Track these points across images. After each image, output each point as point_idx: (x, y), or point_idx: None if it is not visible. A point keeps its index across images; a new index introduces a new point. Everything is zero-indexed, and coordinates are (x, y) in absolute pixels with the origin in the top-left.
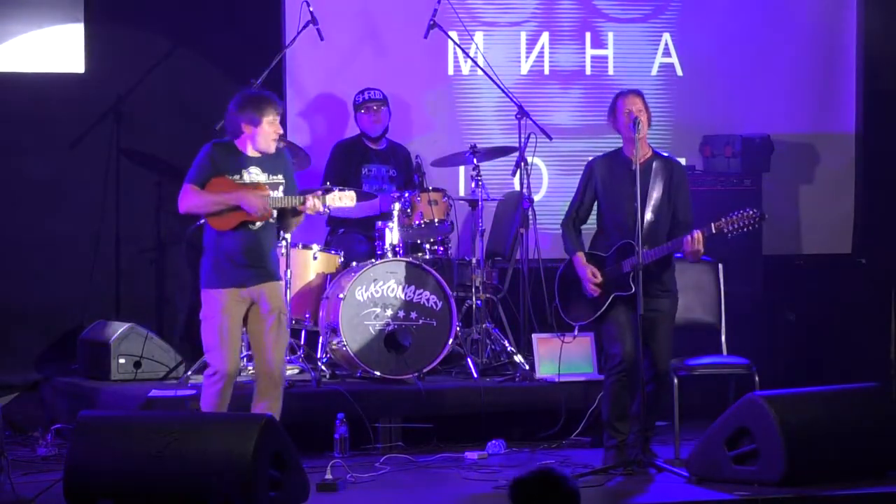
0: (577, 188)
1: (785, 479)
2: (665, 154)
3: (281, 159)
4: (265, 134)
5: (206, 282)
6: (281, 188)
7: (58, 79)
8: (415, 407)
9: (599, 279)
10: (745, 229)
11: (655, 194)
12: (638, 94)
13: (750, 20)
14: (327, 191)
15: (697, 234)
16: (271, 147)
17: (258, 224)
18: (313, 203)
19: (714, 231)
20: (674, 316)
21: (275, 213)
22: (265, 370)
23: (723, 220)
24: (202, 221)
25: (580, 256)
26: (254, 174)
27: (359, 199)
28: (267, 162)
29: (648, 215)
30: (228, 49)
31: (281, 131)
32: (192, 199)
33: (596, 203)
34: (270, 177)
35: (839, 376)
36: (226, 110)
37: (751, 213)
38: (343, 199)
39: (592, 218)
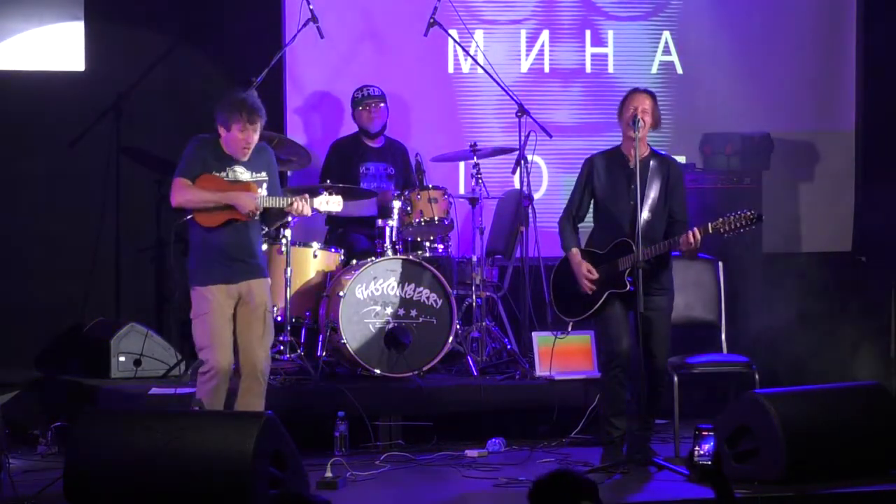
0: (575, 185)
1: (785, 477)
2: (662, 153)
3: (264, 157)
4: (234, 141)
5: (194, 279)
6: (265, 185)
7: (58, 77)
8: (415, 405)
9: (595, 276)
10: (742, 230)
11: (652, 193)
12: (648, 93)
13: (750, 18)
14: (314, 193)
15: (694, 234)
16: (239, 155)
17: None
18: (300, 206)
19: (710, 231)
20: (671, 313)
21: (261, 208)
22: (249, 366)
23: (720, 219)
24: (189, 217)
25: (576, 252)
26: (238, 172)
27: (358, 196)
28: (250, 161)
29: (645, 214)
30: (228, 47)
31: (252, 142)
32: (185, 194)
33: (593, 200)
34: (254, 174)
35: (839, 375)
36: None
37: (748, 213)
38: (330, 204)
39: (589, 217)
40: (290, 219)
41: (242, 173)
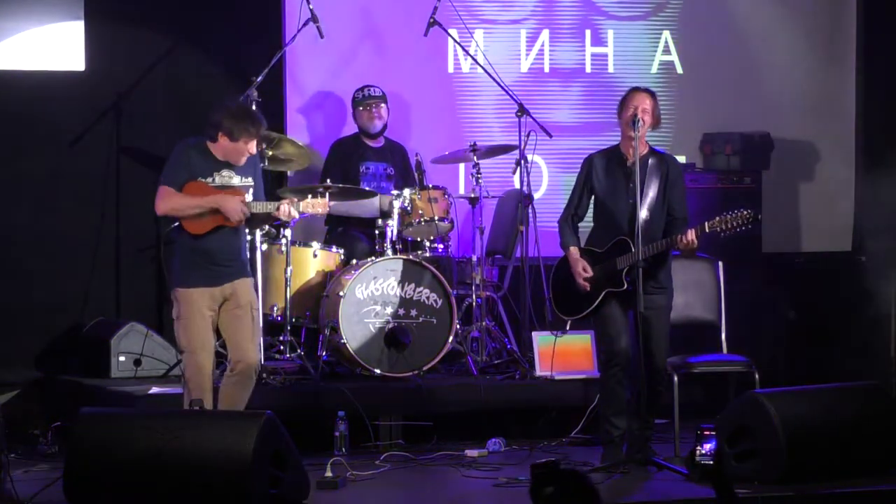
0: (574, 184)
1: (785, 476)
2: (661, 150)
3: (252, 162)
4: (237, 151)
5: (179, 281)
6: (251, 190)
7: (58, 77)
8: (415, 405)
9: (590, 274)
10: (739, 229)
11: (651, 192)
12: (648, 92)
13: (750, 18)
14: (309, 194)
15: (691, 235)
16: (237, 162)
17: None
18: (287, 209)
19: (707, 230)
20: (669, 312)
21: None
22: (244, 364)
23: (717, 218)
24: (176, 225)
25: (574, 251)
26: (226, 177)
27: (358, 196)
28: (240, 165)
29: (644, 213)
30: (228, 47)
31: (253, 153)
32: (170, 202)
33: (593, 199)
34: (242, 179)
35: (839, 374)
36: (214, 108)
37: (745, 213)
38: (316, 206)
39: (589, 215)
40: (291, 220)
41: (231, 178)
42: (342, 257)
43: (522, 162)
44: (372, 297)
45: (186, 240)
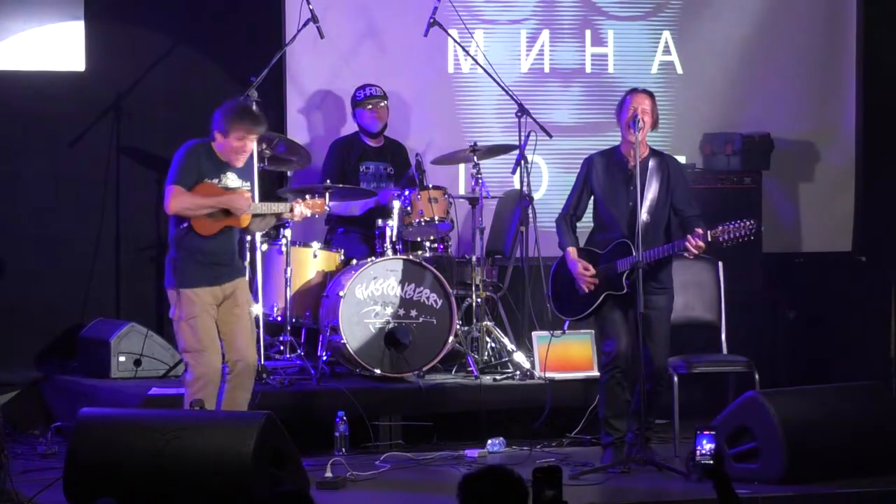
0: (574, 184)
1: (785, 477)
2: (661, 151)
3: (249, 167)
4: (230, 148)
5: (180, 281)
6: (248, 196)
7: (58, 77)
8: (415, 405)
9: (592, 271)
10: (741, 240)
11: (651, 194)
12: (647, 93)
13: (750, 18)
14: (312, 193)
15: (699, 245)
16: (234, 162)
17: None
18: (300, 210)
19: (710, 239)
20: (670, 313)
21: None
22: (243, 363)
23: (719, 228)
24: (184, 226)
25: (572, 250)
26: (231, 179)
27: (358, 196)
28: (242, 169)
29: (644, 215)
30: (228, 47)
31: (248, 151)
32: (181, 201)
33: (592, 199)
34: (243, 183)
35: (839, 374)
36: (214, 110)
37: (748, 223)
38: (314, 208)
39: (588, 216)
40: (302, 219)
41: (234, 181)
42: (342, 257)
43: (522, 162)
44: (372, 297)
45: (193, 240)
